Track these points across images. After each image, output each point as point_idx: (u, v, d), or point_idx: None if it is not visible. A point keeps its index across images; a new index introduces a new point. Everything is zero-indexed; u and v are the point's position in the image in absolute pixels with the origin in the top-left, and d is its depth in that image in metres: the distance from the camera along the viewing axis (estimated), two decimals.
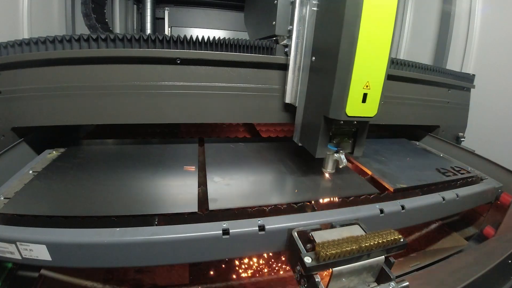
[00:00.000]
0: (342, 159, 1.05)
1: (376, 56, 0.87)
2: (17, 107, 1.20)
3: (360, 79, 0.88)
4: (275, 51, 1.29)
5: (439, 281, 0.94)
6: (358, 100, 0.90)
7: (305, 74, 1.12)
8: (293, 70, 1.22)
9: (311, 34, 1.07)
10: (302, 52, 1.14)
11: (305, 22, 1.11)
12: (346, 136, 1.05)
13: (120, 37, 1.12)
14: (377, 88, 0.91)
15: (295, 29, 1.17)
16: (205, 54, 1.18)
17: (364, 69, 0.87)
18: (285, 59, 1.26)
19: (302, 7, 1.13)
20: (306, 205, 1.06)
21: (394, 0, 0.84)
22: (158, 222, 0.92)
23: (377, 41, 0.86)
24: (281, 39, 1.30)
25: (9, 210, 0.90)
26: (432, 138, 1.86)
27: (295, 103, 1.21)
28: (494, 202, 1.35)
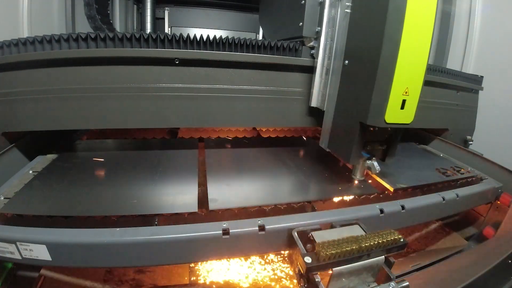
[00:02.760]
0: (375, 166, 1.03)
1: (416, 61, 0.85)
2: (7, 111, 1.15)
3: (401, 85, 0.86)
4: (300, 52, 1.25)
5: (439, 281, 0.94)
6: (397, 106, 0.88)
7: (335, 78, 1.08)
8: (321, 73, 1.18)
9: (342, 37, 1.03)
10: (332, 55, 1.11)
11: (335, 24, 1.08)
12: (378, 143, 1.03)
13: (110, 36, 1.06)
14: (415, 94, 0.89)
15: (324, 31, 1.14)
16: (207, 54, 1.13)
17: (404, 75, 0.85)
18: (311, 62, 1.22)
19: (332, 8, 1.10)
20: (306, 205, 1.06)
21: (433, 3, 0.82)
22: (158, 222, 0.92)
23: (417, 45, 0.84)
24: (307, 40, 1.25)
25: (9, 210, 0.90)
26: (442, 142, 1.82)
27: (323, 107, 1.18)
28: (494, 202, 1.35)
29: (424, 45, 0.85)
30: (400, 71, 0.84)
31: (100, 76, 1.12)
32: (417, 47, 0.84)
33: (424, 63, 0.87)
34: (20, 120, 1.17)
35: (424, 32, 0.84)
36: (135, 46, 1.09)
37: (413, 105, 0.90)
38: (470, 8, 2.20)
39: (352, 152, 1.00)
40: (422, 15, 0.82)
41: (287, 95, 1.29)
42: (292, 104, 1.31)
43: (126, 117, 1.17)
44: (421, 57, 0.86)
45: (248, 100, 1.25)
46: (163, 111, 1.19)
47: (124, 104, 1.15)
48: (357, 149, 1.00)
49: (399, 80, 0.85)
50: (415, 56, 0.85)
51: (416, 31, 0.82)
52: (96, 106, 1.14)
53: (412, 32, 0.82)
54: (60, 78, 1.10)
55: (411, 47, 0.83)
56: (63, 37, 1.05)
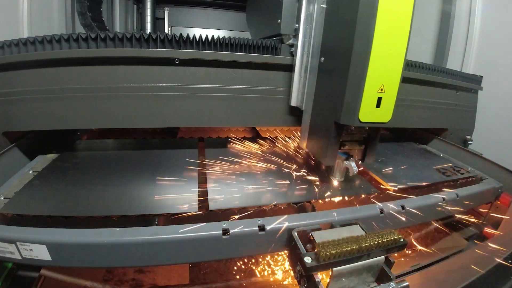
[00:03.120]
0: (353, 167, 1.00)
1: (392, 57, 0.82)
2: (7, 111, 1.16)
3: (375, 82, 0.82)
4: (280, 51, 1.23)
5: (439, 281, 0.94)
6: (372, 104, 0.84)
7: (312, 76, 1.06)
8: (300, 71, 1.16)
9: (319, 33, 1.00)
10: (309, 52, 1.08)
11: (312, 20, 1.05)
12: (357, 143, 1.00)
13: (111, 36, 1.06)
14: (392, 91, 0.85)
15: (301, 27, 1.10)
16: (205, 54, 1.14)
17: (379, 71, 0.81)
18: (291, 60, 1.20)
19: (310, 4, 1.07)
20: (306, 205, 1.06)
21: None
22: (158, 222, 0.92)
23: (393, 40, 0.80)
24: (286, 38, 1.23)
25: (9, 210, 0.90)
26: (441, 142, 1.83)
27: (302, 106, 1.16)
28: (494, 202, 1.35)
29: (401, 41, 0.81)
30: (374, 68, 0.80)
31: (101, 76, 1.12)
32: (393, 43, 0.80)
33: (401, 59, 0.83)
34: (21, 120, 1.17)
35: (400, 27, 0.80)
36: (135, 46, 1.09)
37: (390, 103, 0.86)
38: (470, 8, 2.20)
39: (327, 152, 0.97)
40: (398, 10, 0.78)
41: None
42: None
43: (127, 116, 1.18)
44: (397, 54, 0.82)
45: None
46: (163, 111, 1.19)
47: (125, 103, 1.15)
48: (332, 149, 0.97)
49: (373, 77, 0.81)
50: (390, 52, 0.81)
51: (391, 26, 0.78)
52: (97, 105, 1.15)
53: (386, 27, 0.78)
54: (61, 78, 1.11)
55: (386, 43, 0.79)
56: (64, 37, 1.05)
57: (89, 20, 2.19)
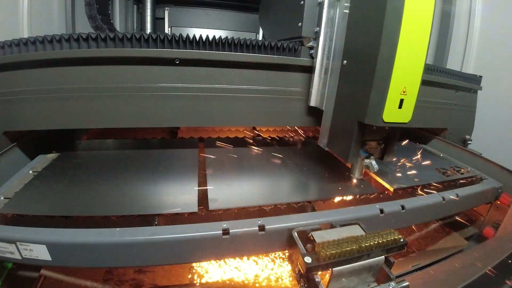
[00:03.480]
0: (373, 165, 1.04)
1: (414, 61, 0.86)
2: (8, 110, 1.16)
3: (398, 84, 0.86)
4: (299, 53, 1.26)
5: (439, 281, 0.94)
6: (395, 106, 0.88)
7: (334, 78, 1.09)
8: (320, 72, 1.19)
9: (341, 37, 1.04)
10: (330, 55, 1.12)
11: (334, 24, 1.09)
12: (377, 142, 1.04)
13: (111, 36, 1.07)
14: (413, 93, 0.89)
15: (322, 31, 1.15)
16: (205, 54, 1.14)
17: (402, 75, 0.85)
18: (310, 61, 1.23)
19: (331, 8, 1.11)
20: (306, 205, 1.06)
21: (431, 4, 0.83)
22: (158, 222, 0.92)
23: (415, 45, 0.84)
24: (306, 41, 1.26)
25: (9, 210, 0.90)
26: (440, 142, 1.83)
27: (322, 107, 1.19)
28: (494, 202, 1.35)
29: (421, 45, 0.85)
30: (397, 71, 0.84)
31: (101, 76, 1.12)
32: (414, 48, 0.85)
33: (421, 63, 0.88)
34: (21, 119, 1.18)
35: (421, 33, 0.84)
36: (136, 46, 1.10)
37: (411, 105, 0.91)
38: (470, 8, 2.20)
39: (351, 151, 1.00)
40: (420, 16, 0.82)
41: (286, 95, 1.29)
42: (291, 104, 1.31)
43: (127, 116, 1.18)
44: (418, 57, 0.86)
45: (248, 100, 1.25)
46: (164, 110, 1.19)
47: (125, 103, 1.16)
48: (355, 148, 1.01)
49: (397, 80, 0.85)
50: (412, 57, 0.85)
51: (413, 32, 0.83)
52: (97, 105, 1.15)
53: (409, 33, 0.82)
54: (62, 77, 1.11)
55: (409, 47, 0.84)
56: (64, 37, 1.05)
57: (99, 22, 2.20)
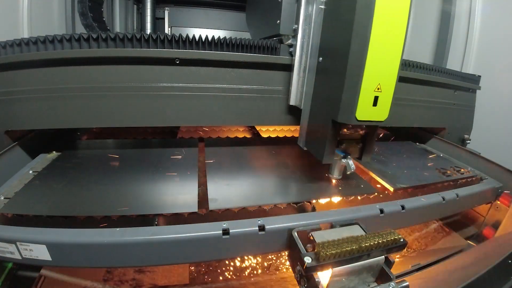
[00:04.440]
0: (350, 165, 1.01)
1: (388, 57, 0.83)
2: (10, 110, 1.16)
3: (372, 81, 0.84)
4: (279, 51, 1.25)
5: (439, 281, 0.94)
6: (368, 103, 0.86)
7: (311, 75, 1.08)
8: (298, 71, 1.17)
9: (318, 34, 1.02)
10: (308, 52, 1.10)
11: (311, 20, 1.06)
12: (354, 141, 1.02)
13: (112, 37, 1.07)
14: (389, 90, 0.87)
15: (300, 28, 1.12)
16: (205, 54, 1.15)
17: (375, 71, 0.83)
18: (290, 60, 1.22)
19: (308, 5, 1.08)
20: (306, 205, 1.06)
21: None
22: (158, 222, 0.92)
23: (389, 41, 0.82)
24: (285, 38, 1.25)
25: (9, 210, 0.90)
26: (438, 141, 1.83)
27: (300, 105, 1.17)
28: (494, 202, 1.35)
29: (397, 41, 0.83)
30: (370, 67, 0.82)
31: (102, 76, 1.13)
32: (389, 43, 0.82)
33: (397, 59, 0.85)
34: (23, 118, 1.18)
35: (397, 28, 0.81)
36: (136, 46, 1.10)
37: (387, 102, 0.88)
38: (470, 8, 2.20)
39: (325, 150, 0.98)
40: (395, 10, 0.80)
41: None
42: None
43: (127, 115, 1.19)
44: (394, 53, 0.84)
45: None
46: (164, 110, 1.20)
47: (126, 103, 1.16)
48: (330, 148, 0.98)
49: (370, 76, 0.83)
50: (387, 52, 0.83)
51: (388, 26, 0.80)
52: (98, 104, 1.16)
53: (383, 28, 0.80)
54: (62, 77, 1.11)
55: (383, 43, 0.81)
56: (65, 37, 1.06)
57: (90, 20, 2.20)
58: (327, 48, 0.98)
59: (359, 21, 0.80)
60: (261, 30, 1.58)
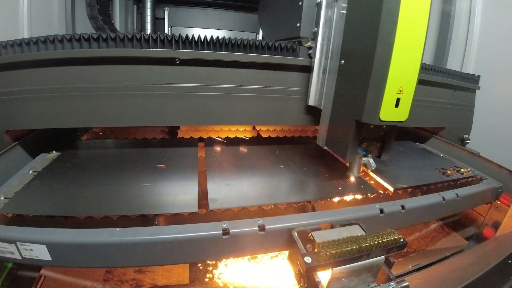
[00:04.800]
0: (371, 163, 1.05)
1: (410, 61, 0.87)
2: (10, 109, 1.17)
3: (395, 84, 0.87)
4: (298, 53, 1.27)
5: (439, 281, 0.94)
6: (391, 104, 0.89)
7: (332, 77, 1.10)
8: (318, 72, 1.20)
9: (339, 37, 1.05)
10: (328, 55, 1.13)
11: (331, 24, 1.10)
12: (374, 140, 1.05)
13: (112, 37, 1.08)
14: (409, 92, 0.90)
15: (320, 31, 1.15)
16: (205, 54, 1.15)
17: (398, 74, 0.86)
18: (309, 61, 1.24)
19: (329, 9, 1.12)
20: (306, 205, 1.06)
21: (427, 3, 0.83)
22: (158, 222, 0.92)
23: (411, 45, 0.85)
24: (305, 41, 1.27)
25: (9, 210, 0.90)
26: (438, 141, 1.84)
27: (320, 106, 1.19)
28: (494, 202, 1.35)
29: (417, 45, 0.86)
30: (394, 71, 0.85)
31: (102, 76, 1.13)
32: (410, 48, 0.85)
33: (417, 62, 0.88)
34: (23, 118, 1.18)
35: (417, 33, 0.85)
36: (136, 46, 1.11)
37: (408, 103, 0.92)
38: (470, 8, 2.20)
39: (348, 149, 1.01)
40: (416, 17, 0.83)
41: (285, 94, 1.30)
42: (290, 103, 1.32)
43: (128, 115, 1.19)
44: (414, 57, 0.87)
45: (247, 99, 1.26)
46: (164, 109, 1.20)
47: (126, 102, 1.17)
48: (353, 146, 1.02)
49: (393, 79, 0.86)
50: (408, 56, 0.86)
51: (409, 32, 0.84)
52: (98, 104, 1.16)
53: (405, 33, 0.83)
54: (63, 77, 1.12)
55: (405, 47, 0.84)
56: (66, 37, 1.06)
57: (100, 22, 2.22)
58: (349, 51, 1.01)
59: (384, 26, 0.83)
60: (277, 32, 1.60)
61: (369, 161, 1.05)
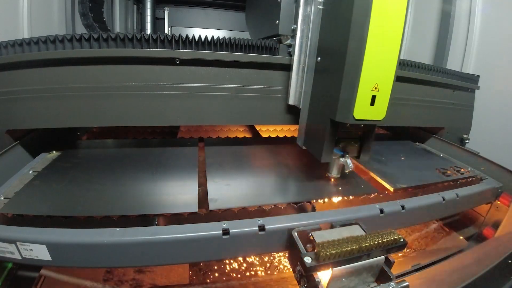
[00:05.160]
0: (348, 164, 1.03)
1: (385, 57, 0.84)
2: (11, 109, 1.17)
3: (369, 80, 0.85)
4: (278, 51, 1.26)
5: (439, 281, 0.94)
6: (366, 102, 0.87)
7: (309, 75, 1.09)
8: (297, 70, 1.18)
9: (316, 34, 1.03)
10: (307, 52, 1.11)
11: (309, 21, 1.07)
12: (352, 140, 1.03)
13: (112, 37, 1.08)
14: (386, 90, 0.88)
15: (299, 28, 1.13)
16: (205, 54, 1.16)
17: (373, 70, 0.84)
18: (289, 59, 1.22)
19: (307, 5, 1.09)
20: (306, 205, 1.06)
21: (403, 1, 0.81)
22: (158, 222, 0.92)
23: (387, 40, 0.82)
24: (284, 38, 1.26)
25: (9, 210, 0.90)
26: (437, 140, 1.84)
27: (299, 105, 1.18)
28: (494, 202, 1.35)
29: (394, 41, 0.84)
30: (368, 67, 0.83)
31: (103, 75, 1.13)
32: (386, 43, 0.83)
33: (394, 59, 0.86)
34: (24, 118, 1.19)
35: (394, 28, 0.82)
36: (136, 47, 1.11)
37: (384, 101, 0.89)
38: (470, 8, 2.20)
39: (324, 149, 0.99)
40: (391, 10, 0.80)
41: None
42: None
43: (128, 115, 1.19)
44: (391, 53, 0.85)
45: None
46: (164, 109, 1.21)
47: (126, 102, 1.17)
48: (329, 147, 1.00)
49: (367, 76, 0.84)
50: (384, 52, 0.83)
51: (385, 26, 0.81)
52: (98, 104, 1.16)
53: (380, 28, 0.80)
54: (64, 77, 1.12)
55: (380, 42, 0.82)
56: (67, 37, 1.07)
57: (91, 20, 2.22)
58: (325, 47, 0.99)
59: (356, 20, 0.81)
60: (260, 30, 1.59)
61: (347, 162, 1.02)
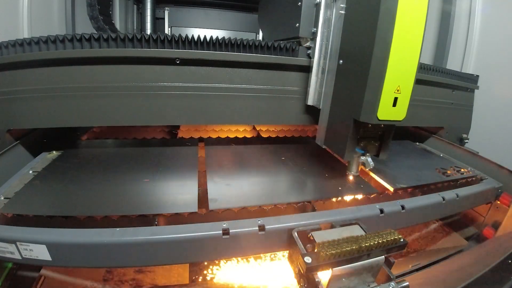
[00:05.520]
0: (369, 162, 1.05)
1: (407, 60, 0.87)
2: (12, 109, 1.17)
3: (392, 83, 0.88)
4: (297, 52, 1.28)
5: (439, 281, 0.94)
6: (389, 104, 0.90)
7: (330, 77, 1.11)
8: (317, 72, 1.21)
9: (337, 37, 1.06)
10: (327, 55, 1.14)
11: (330, 24, 1.11)
12: (372, 139, 1.06)
13: (113, 37, 1.09)
14: (407, 92, 0.91)
15: (319, 31, 1.17)
16: (205, 54, 1.15)
17: (396, 74, 0.87)
18: (308, 61, 1.25)
19: (327, 9, 1.13)
20: (306, 205, 1.06)
21: (425, 3, 0.84)
22: (158, 222, 0.92)
23: (409, 45, 0.86)
24: (304, 41, 1.29)
25: (9, 210, 0.90)
26: (437, 140, 1.84)
27: (319, 106, 1.21)
28: (494, 202, 1.35)
29: (415, 45, 0.87)
30: (391, 70, 0.86)
31: (103, 75, 1.13)
32: (408, 47, 0.86)
33: (415, 62, 0.89)
34: (24, 117, 1.19)
35: (415, 33, 0.86)
36: (137, 47, 1.11)
37: (405, 103, 0.92)
38: (470, 8, 2.20)
39: (346, 148, 1.02)
40: (413, 17, 0.84)
41: (284, 94, 1.31)
42: (289, 103, 1.33)
43: (128, 114, 1.20)
44: (412, 57, 0.88)
45: (247, 99, 1.27)
46: (164, 109, 1.21)
47: (126, 102, 1.17)
48: (351, 145, 1.03)
49: (390, 78, 0.87)
50: (406, 56, 0.87)
51: (407, 32, 0.84)
52: (99, 104, 1.16)
53: (403, 33, 0.84)
54: (64, 77, 1.12)
55: (403, 47, 0.85)
56: (67, 37, 1.07)
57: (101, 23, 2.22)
58: (347, 51, 1.01)
59: (382, 26, 0.83)
60: (277, 32, 1.61)
61: (367, 160, 1.06)
